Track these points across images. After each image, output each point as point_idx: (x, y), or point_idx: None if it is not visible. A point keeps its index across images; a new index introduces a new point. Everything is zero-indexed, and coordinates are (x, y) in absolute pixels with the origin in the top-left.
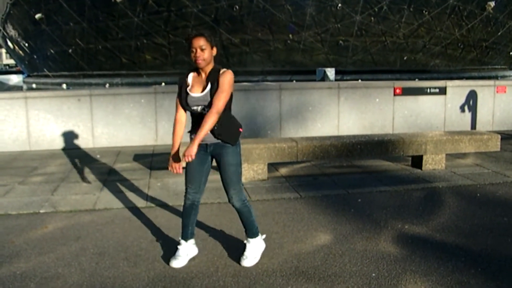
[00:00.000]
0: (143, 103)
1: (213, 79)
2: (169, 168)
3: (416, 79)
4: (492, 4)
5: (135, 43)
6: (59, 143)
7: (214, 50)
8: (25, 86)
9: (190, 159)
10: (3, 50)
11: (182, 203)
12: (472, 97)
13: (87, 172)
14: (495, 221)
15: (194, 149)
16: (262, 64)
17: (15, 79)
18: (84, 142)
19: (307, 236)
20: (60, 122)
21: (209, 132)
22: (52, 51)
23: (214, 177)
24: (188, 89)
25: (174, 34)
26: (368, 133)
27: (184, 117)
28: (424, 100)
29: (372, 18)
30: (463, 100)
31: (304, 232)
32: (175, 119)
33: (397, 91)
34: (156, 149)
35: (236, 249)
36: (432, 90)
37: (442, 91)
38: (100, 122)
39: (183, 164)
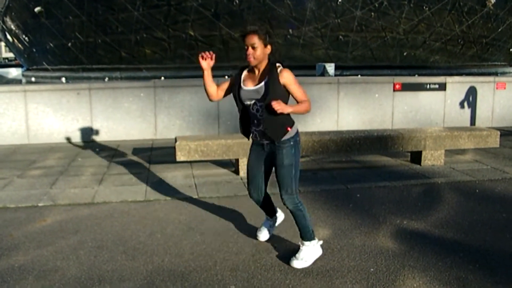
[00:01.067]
0: (142, 97)
1: (269, 72)
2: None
3: (416, 75)
4: (493, 0)
5: (134, 37)
6: (58, 137)
7: (269, 48)
8: (24, 80)
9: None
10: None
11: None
12: (471, 93)
13: (86, 165)
14: (494, 217)
15: (287, 108)
16: None
17: (14, 72)
18: (83, 135)
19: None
20: (59, 116)
21: (261, 128)
22: (51, 44)
23: (214, 171)
24: (240, 83)
25: (174, 28)
26: (368, 129)
27: (216, 91)
28: (424, 96)
29: (372, 14)
30: (462, 96)
31: None
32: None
33: (397, 86)
34: (155, 143)
35: (234, 244)
36: (432, 86)
37: (442, 87)
38: (99, 115)
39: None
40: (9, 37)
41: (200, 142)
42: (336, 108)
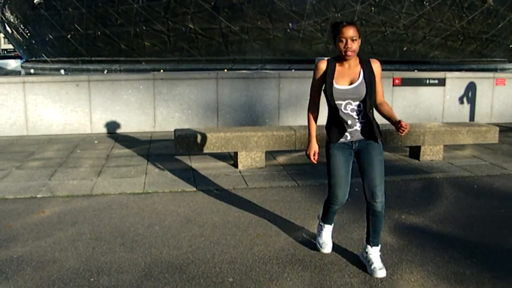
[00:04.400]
0: (141, 90)
1: (368, 69)
2: (310, 155)
3: (415, 70)
4: None
5: (134, 29)
6: (56, 128)
7: (359, 41)
8: (23, 71)
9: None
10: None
11: (326, 206)
12: (471, 89)
13: (84, 157)
14: (492, 212)
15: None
16: (261, 53)
17: (13, 64)
18: (82, 127)
19: (304, 225)
20: (58, 108)
21: (357, 129)
22: (50, 36)
23: (213, 164)
24: (333, 81)
25: (174, 21)
26: None
27: (318, 109)
28: (423, 91)
29: (373, 8)
30: (462, 91)
31: (301, 220)
32: (309, 112)
33: (396, 81)
34: (154, 135)
35: (232, 237)
36: (431, 81)
37: (441, 82)
38: (98, 107)
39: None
40: (8, 28)
41: (199, 135)
42: None
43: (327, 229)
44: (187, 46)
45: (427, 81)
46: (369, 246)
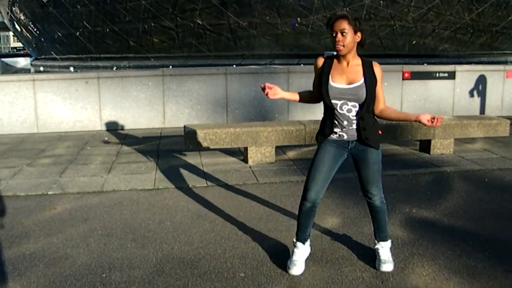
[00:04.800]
0: (150, 86)
1: (370, 72)
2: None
3: (425, 64)
4: None
5: (142, 26)
6: (66, 126)
7: (358, 36)
8: (32, 69)
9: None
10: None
11: (299, 206)
12: (481, 82)
13: (95, 154)
14: (503, 206)
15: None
16: (270, 48)
17: (22, 62)
18: (91, 124)
19: (314, 219)
20: (68, 105)
21: (353, 129)
22: (59, 34)
23: (223, 160)
24: (329, 78)
25: (182, 17)
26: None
27: (312, 98)
28: (433, 84)
29: (381, 2)
30: (472, 85)
31: None
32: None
33: (406, 75)
34: (164, 131)
35: (243, 232)
36: (441, 75)
37: (451, 75)
38: (108, 104)
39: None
40: (17, 26)
41: (208, 131)
42: None
43: (300, 249)
44: (196, 42)
45: (437, 75)
46: (376, 241)
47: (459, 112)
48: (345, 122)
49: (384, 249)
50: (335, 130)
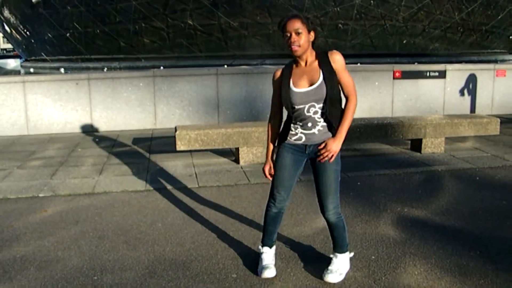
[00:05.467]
0: (141, 87)
1: (327, 66)
2: (265, 171)
3: (416, 63)
4: None
5: (133, 26)
6: (57, 127)
7: (312, 35)
8: (22, 71)
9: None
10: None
11: (265, 210)
12: (471, 80)
13: (86, 156)
14: (494, 204)
15: (338, 145)
16: (261, 48)
17: (12, 63)
18: (82, 126)
19: (306, 219)
20: (58, 106)
21: (313, 132)
22: (49, 35)
23: (214, 160)
24: (290, 84)
25: (173, 18)
26: (368, 117)
27: (279, 122)
28: (424, 83)
29: (372, 1)
30: (462, 83)
31: (304, 215)
32: (268, 124)
33: (397, 74)
34: (155, 132)
35: (235, 233)
36: (432, 74)
37: (442, 74)
38: (99, 105)
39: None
40: (7, 27)
41: (200, 131)
42: None
43: (268, 254)
44: (187, 43)
45: (428, 74)
46: (335, 252)
47: (450, 111)
48: (309, 124)
49: (337, 259)
50: (296, 131)
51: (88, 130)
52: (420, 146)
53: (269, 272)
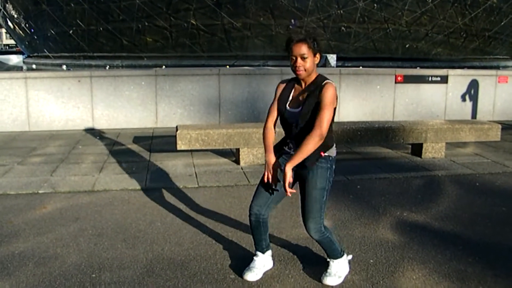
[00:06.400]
0: (143, 86)
1: (312, 93)
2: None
3: (418, 67)
4: None
5: (136, 25)
6: (58, 124)
7: (318, 57)
8: (25, 67)
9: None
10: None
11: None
12: (473, 86)
13: (86, 153)
14: (494, 210)
15: (287, 176)
16: (264, 49)
17: (15, 59)
18: (83, 123)
19: None
20: (60, 103)
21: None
22: (52, 31)
23: (214, 160)
24: (287, 103)
25: (176, 17)
26: (369, 120)
27: (273, 132)
28: (425, 88)
29: (375, 5)
30: (464, 89)
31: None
32: (265, 127)
33: (399, 78)
34: (156, 131)
35: (234, 233)
36: (434, 79)
37: (444, 79)
38: (100, 103)
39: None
40: (10, 23)
41: (201, 131)
42: (338, 99)
43: (259, 258)
44: (189, 42)
45: (430, 79)
46: (330, 258)
47: (451, 116)
48: (299, 141)
49: (334, 263)
50: (290, 145)
51: (89, 127)
52: (421, 150)
53: (251, 276)
